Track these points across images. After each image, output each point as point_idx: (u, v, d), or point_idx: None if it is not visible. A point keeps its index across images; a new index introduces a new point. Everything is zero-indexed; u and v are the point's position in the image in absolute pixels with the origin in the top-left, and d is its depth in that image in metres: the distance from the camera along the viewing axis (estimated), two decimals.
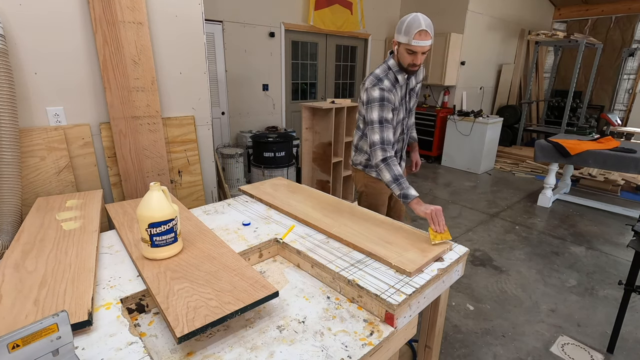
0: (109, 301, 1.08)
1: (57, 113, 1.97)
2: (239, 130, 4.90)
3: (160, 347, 0.98)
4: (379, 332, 1.04)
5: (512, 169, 5.80)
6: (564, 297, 2.56)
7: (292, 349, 0.97)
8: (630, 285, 1.92)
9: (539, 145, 3.98)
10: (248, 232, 1.53)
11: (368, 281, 1.17)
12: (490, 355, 2.02)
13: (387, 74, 1.73)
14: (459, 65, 5.92)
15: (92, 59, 2.01)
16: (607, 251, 3.25)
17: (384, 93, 1.68)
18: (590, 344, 2.11)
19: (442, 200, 4.42)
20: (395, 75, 1.74)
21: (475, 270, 2.86)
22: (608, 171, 4.97)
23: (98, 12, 1.93)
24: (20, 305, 0.99)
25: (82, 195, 1.81)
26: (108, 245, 1.42)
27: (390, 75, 1.73)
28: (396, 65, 1.73)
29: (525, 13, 6.92)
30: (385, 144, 1.66)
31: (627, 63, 6.99)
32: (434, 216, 1.43)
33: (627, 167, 3.47)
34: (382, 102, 1.68)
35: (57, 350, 0.79)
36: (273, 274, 1.35)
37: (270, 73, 5.07)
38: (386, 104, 1.69)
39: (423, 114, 6.07)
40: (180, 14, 2.24)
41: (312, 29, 5.26)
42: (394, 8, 6.48)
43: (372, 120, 1.69)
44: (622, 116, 7.15)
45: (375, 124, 1.68)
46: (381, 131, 1.67)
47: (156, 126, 2.24)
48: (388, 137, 1.67)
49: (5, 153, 1.67)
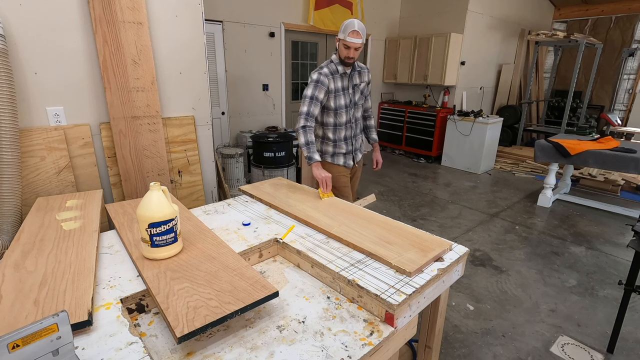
0: (109, 301, 1.08)
1: (57, 113, 1.97)
2: (239, 130, 4.90)
3: (160, 347, 0.98)
4: (379, 332, 1.04)
5: (512, 169, 5.81)
6: (564, 297, 2.56)
7: (292, 349, 0.97)
8: (630, 285, 1.92)
9: (539, 145, 3.98)
10: (248, 232, 1.53)
11: (368, 281, 1.17)
12: (490, 355, 2.02)
13: (328, 65, 2.16)
14: (459, 65, 5.92)
15: (92, 59, 2.01)
16: (607, 251, 3.25)
17: (320, 76, 2.10)
18: (590, 344, 2.11)
19: (442, 200, 4.42)
20: (336, 66, 2.14)
21: (475, 270, 2.86)
22: (608, 171, 4.97)
23: (98, 12, 1.93)
24: (20, 305, 0.99)
25: (82, 195, 1.81)
26: (108, 245, 1.42)
27: (332, 66, 2.15)
28: (337, 59, 2.14)
29: (525, 13, 6.92)
30: (309, 115, 2.07)
31: (627, 63, 6.99)
32: (324, 181, 1.92)
33: (627, 167, 3.47)
34: (316, 83, 2.09)
35: (57, 350, 0.79)
36: (273, 274, 1.35)
37: (270, 73, 5.08)
38: (320, 85, 2.09)
39: (423, 114, 6.08)
40: (180, 14, 2.24)
41: (312, 29, 5.26)
42: (394, 8, 6.48)
43: (306, 95, 2.10)
44: (622, 116, 7.15)
45: (307, 98, 2.10)
46: (309, 105, 2.08)
47: (156, 126, 2.24)
48: (313, 111, 2.09)
49: (5, 153, 1.67)
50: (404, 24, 6.57)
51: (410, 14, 6.43)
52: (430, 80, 5.99)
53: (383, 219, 1.62)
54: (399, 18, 6.62)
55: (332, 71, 2.14)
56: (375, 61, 6.47)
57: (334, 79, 2.14)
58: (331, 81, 2.14)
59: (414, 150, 6.35)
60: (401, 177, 5.33)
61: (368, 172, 5.48)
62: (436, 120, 5.90)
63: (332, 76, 2.14)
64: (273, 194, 1.94)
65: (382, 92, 6.87)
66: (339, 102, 2.19)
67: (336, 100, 2.18)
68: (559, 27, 7.76)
